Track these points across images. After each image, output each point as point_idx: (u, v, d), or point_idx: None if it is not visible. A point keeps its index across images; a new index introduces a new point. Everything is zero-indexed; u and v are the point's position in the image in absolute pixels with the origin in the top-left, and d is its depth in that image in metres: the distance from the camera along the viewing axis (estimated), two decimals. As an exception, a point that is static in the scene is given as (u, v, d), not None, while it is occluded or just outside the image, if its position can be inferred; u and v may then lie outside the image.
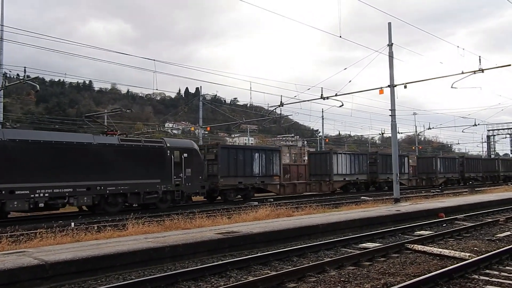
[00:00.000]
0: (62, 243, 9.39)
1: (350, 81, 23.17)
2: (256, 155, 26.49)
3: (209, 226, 11.82)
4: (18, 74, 35.91)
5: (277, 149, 29.26)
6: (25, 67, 21.61)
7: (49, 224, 13.69)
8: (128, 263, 8.04)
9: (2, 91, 24.49)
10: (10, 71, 34.67)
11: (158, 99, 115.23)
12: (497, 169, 54.04)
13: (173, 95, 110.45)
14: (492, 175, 52.66)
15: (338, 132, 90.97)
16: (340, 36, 20.54)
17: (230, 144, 40.44)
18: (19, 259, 7.33)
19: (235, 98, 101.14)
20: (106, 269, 7.71)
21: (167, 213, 17.86)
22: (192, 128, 56.82)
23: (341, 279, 7.07)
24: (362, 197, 26.97)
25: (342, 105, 25.65)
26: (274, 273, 7.40)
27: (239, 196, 25.68)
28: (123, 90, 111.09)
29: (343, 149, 56.63)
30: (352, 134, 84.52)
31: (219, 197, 24.90)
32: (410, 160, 44.26)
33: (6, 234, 10.89)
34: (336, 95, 24.77)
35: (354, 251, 9.59)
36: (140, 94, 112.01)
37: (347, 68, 44.78)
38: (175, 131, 78.36)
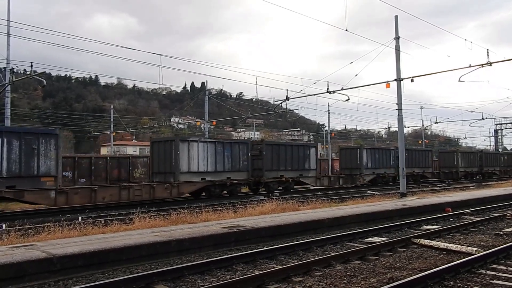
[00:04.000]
0: (70, 236, 9.47)
1: (357, 75, 23.03)
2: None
3: (215, 220, 11.86)
4: (25, 69, 36.14)
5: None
6: (31, 62, 21.65)
7: (57, 218, 13.82)
8: (135, 257, 8.09)
9: (9, 86, 24.64)
10: (17, 66, 34.89)
11: (164, 93, 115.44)
12: None
13: (179, 90, 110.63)
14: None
15: (344, 126, 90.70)
16: (347, 30, 20.43)
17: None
18: (27, 253, 7.40)
19: (241, 93, 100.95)
20: (113, 263, 7.77)
21: (174, 208, 17.94)
22: (198, 123, 56.90)
23: (347, 273, 7.06)
24: (368, 192, 26.92)
25: (348, 99, 25.56)
26: (280, 267, 7.41)
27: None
28: (129, 85, 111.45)
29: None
30: (358, 128, 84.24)
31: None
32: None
33: (14, 228, 11.01)
34: (342, 89, 24.66)
35: (360, 245, 9.58)
36: (146, 89, 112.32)
37: (354, 62, 44.58)
38: (181, 126, 78.54)
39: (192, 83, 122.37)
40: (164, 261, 8.26)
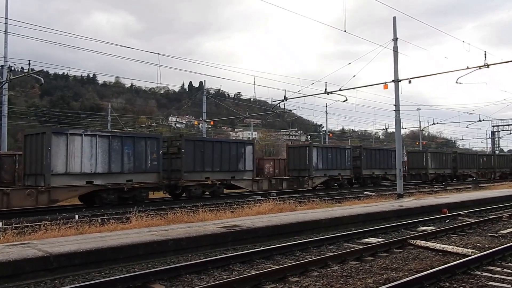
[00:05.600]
0: (66, 235, 9.46)
1: (355, 75, 23.09)
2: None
3: (212, 220, 11.87)
4: (22, 67, 36.01)
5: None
6: (29, 60, 21.64)
7: (54, 216, 13.79)
8: (132, 256, 8.09)
9: (7, 84, 24.60)
10: (15, 64, 34.77)
11: (162, 92, 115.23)
12: None
13: (176, 89, 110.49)
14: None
15: (342, 127, 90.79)
16: (345, 31, 20.47)
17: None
18: (23, 251, 7.39)
19: (239, 92, 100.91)
20: (110, 262, 7.77)
21: (171, 207, 17.94)
22: (196, 122, 56.87)
23: (344, 274, 7.08)
24: (365, 192, 26.97)
25: (346, 100, 25.67)
26: (276, 267, 7.43)
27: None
28: (127, 83, 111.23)
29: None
30: (356, 129, 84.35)
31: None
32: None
33: (11, 226, 11.00)
34: (340, 89, 24.74)
35: (356, 246, 9.60)
36: (144, 88, 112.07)
37: (352, 62, 44.57)
38: (178, 125, 78.46)
39: (190, 82, 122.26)
40: (161, 260, 8.26)
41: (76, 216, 13.99)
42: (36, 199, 17.32)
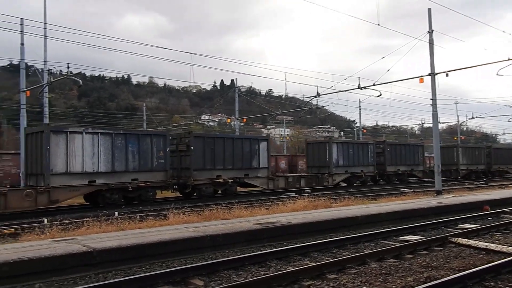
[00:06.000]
0: (108, 231, 9.77)
1: (389, 70, 22.88)
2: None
3: (247, 216, 11.96)
4: (60, 70, 37.28)
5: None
6: (68, 63, 22.41)
7: (95, 213, 14.27)
8: (170, 252, 8.27)
9: (47, 87, 25.58)
10: (54, 68, 36.12)
11: (194, 91, 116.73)
12: None
13: (208, 88, 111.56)
14: None
15: (375, 123, 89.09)
16: (379, 24, 20.07)
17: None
18: (68, 246, 7.70)
19: (270, 89, 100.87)
20: (150, 257, 7.97)
21: (206, 204, 18.19)
22: (228, 120, 57.27)
23: (382, 271, 6.97)
24: (402, 189, 26.41)
25: (380, 94, 25.18)
26: (314, 263, 7.41)
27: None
28: (160, 83, 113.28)
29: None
30: (391, 124, 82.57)
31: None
32: None
33: (56, 222, 11.45)
34: (374, 84, 24.29)
35: (395, 243, 9.43)
36: (177, 87, 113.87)
37: (385, 56, 43.73)
38: (211, 123, 79.30)
39: (222, 80, 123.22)
40: (199, 256, 8.40)
41: (116, 213, 14.43)
42: (35, 200, 16.73)
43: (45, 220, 13.70)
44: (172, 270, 6.87)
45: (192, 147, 22.09)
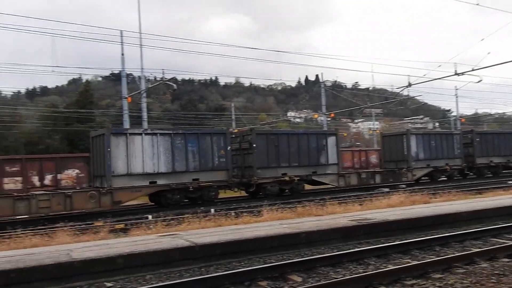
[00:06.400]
0: (206, 227, 10.24)
1: (489, 52, 20.72)
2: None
3: (341, 213, 11.75)
4: (155, 76, 39.90)
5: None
6: (163, 69, 23.94)
7: (193, 210, 15.08)
8: (266, 248, 8.41)
9: (145, 92, 27.60)
10: (151, 74, 38.79)
11: (280, 89, 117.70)
12: None
13: (293, 84, 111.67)
14: None
15: (475, 111, 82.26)
16: (478, 4, 18.46)
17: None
18: (173, 241, 8.22)
19: (356, 82, 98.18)
20: (247, 252, 8.18)
21: (299, 200, 18.29)
22: (316, 116, 56.87)
23: (495, 272, 6.41)
24: (510, 182, 24.04)
25: (481, 80, 23.19)
26: (416, 262, 7.06)
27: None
28: (246, 83, 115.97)
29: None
30: (493, 111, 75.53)
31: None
32: None
33: (160, 219, 12.33)
34: (472, 69, 22.46)
35: (507, 241, 8.62)
36: (262, 86, 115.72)
37: (485, 38, 40.07)
38: (298, 120, 79.36)
39: (306, 76, 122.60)
40: (295, 252, 8.43)
41: (212, 210, 15.10)
42: (99, 201, 17.19)
43: (150, 217, 14.79)
44: (270, 266, 7.00)
45: (254, 145, 21.52)
